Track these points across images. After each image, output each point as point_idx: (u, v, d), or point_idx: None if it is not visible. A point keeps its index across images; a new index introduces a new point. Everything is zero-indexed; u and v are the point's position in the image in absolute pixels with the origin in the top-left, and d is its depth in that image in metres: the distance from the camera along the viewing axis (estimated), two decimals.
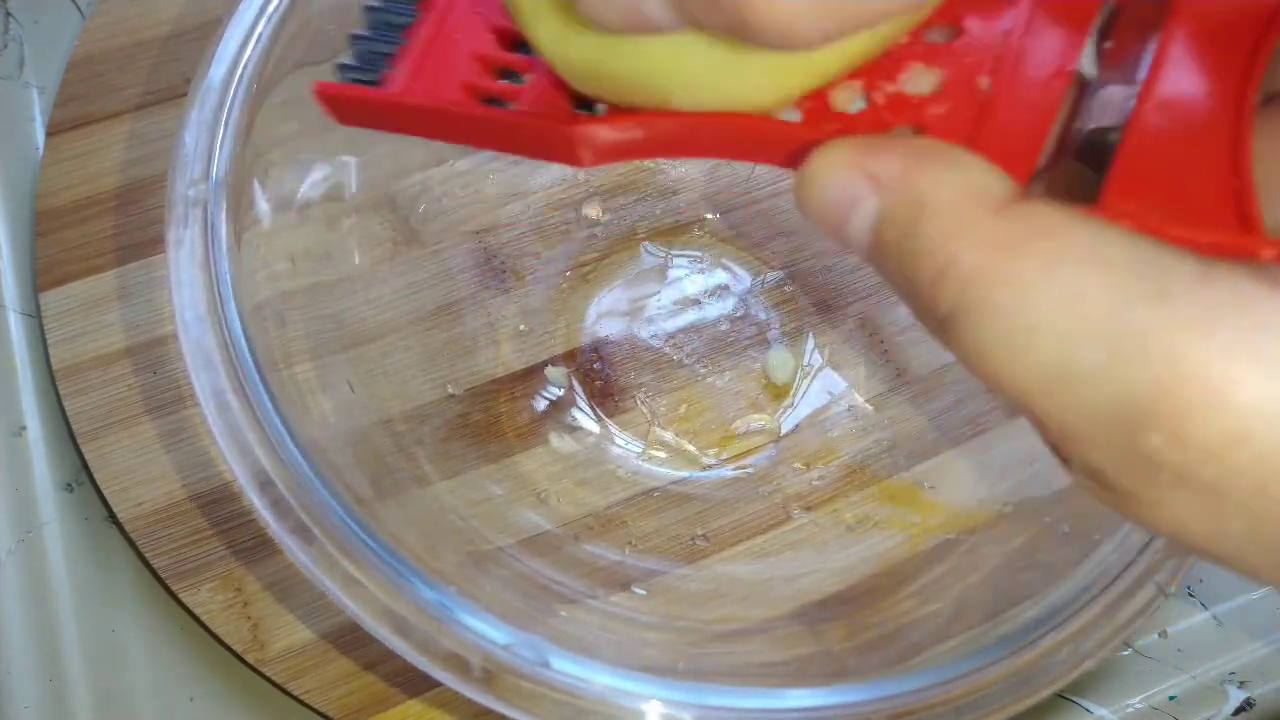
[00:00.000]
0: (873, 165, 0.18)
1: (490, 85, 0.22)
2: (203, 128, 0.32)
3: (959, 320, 0.16)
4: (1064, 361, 0.16)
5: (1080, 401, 0.16)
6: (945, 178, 0.17)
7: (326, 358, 0.35)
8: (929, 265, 0.17)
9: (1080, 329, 0.16)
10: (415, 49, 0.23)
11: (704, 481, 0.39)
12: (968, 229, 0.16)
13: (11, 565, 0.37)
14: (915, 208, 0.17)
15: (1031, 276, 0.16)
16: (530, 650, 0.28)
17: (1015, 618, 0.31)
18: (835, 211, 0.18)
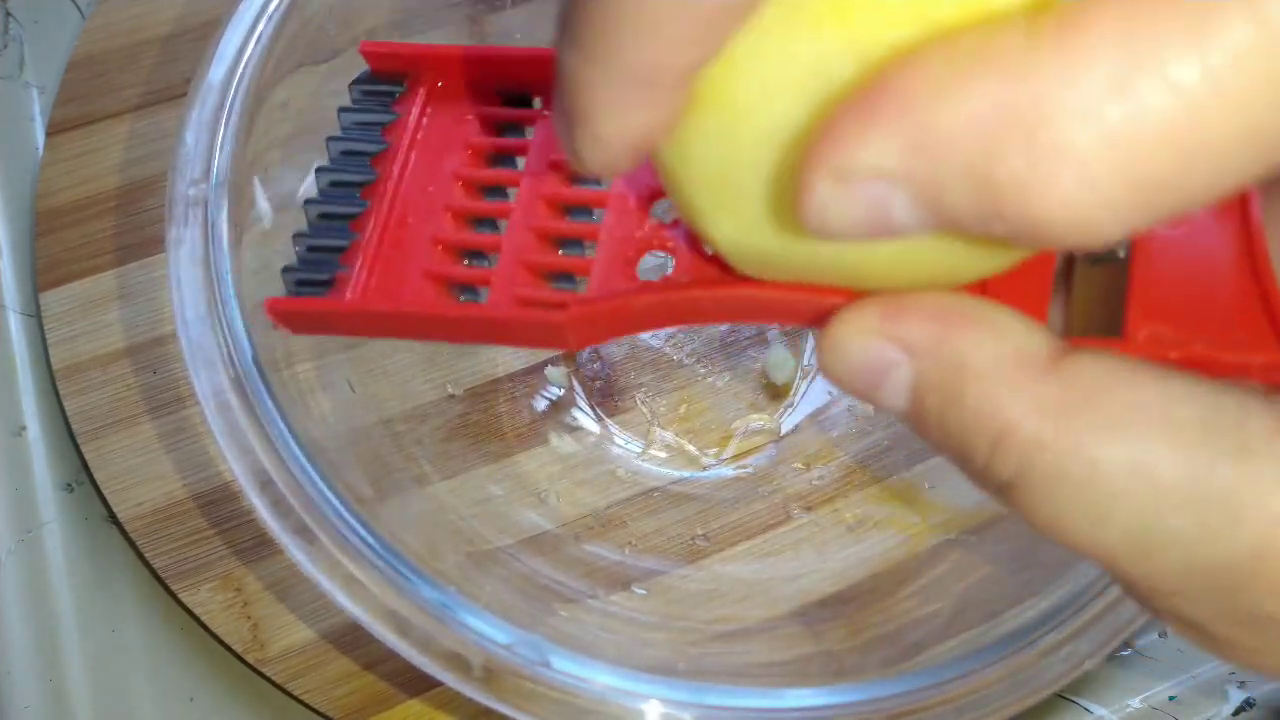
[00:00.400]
0: (901, 330, 0.16)
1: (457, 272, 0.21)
2: (203, 128, 0.32)
3: (1025, 490, 0.16)
4: (1149, 528, 0.15)
5: (1169, 564, 0.15)
6: (981, 339, 0.16)
7: (327, 357, 0.35)
8: (982, 433, 0.16)
9: (1161, 498, 0.15)
10: (367, 242, 0.21)
11: (704, 481, 0.39)
12: (1019, 394, 0.16)
13: (11, 565, 0.37)
14: (956, 373, 0.16)
15: (1098, 447, 0.15)
16: (530, 650, 0.28)
17: (1015, 618, 0.31)
18: (867, 380, 0.17)
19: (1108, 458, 0.15)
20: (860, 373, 0.17)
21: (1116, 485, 0.15)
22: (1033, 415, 0.15)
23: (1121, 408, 0.15)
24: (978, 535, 0.35)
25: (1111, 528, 0.15)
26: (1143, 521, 0.15)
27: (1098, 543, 0.16)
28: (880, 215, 0.14)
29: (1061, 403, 0.15)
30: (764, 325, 0.41)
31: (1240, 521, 0.15)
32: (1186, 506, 0.15)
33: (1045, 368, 0.16)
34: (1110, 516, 0.15)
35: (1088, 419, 0.15)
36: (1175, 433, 0.15)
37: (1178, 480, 0.15)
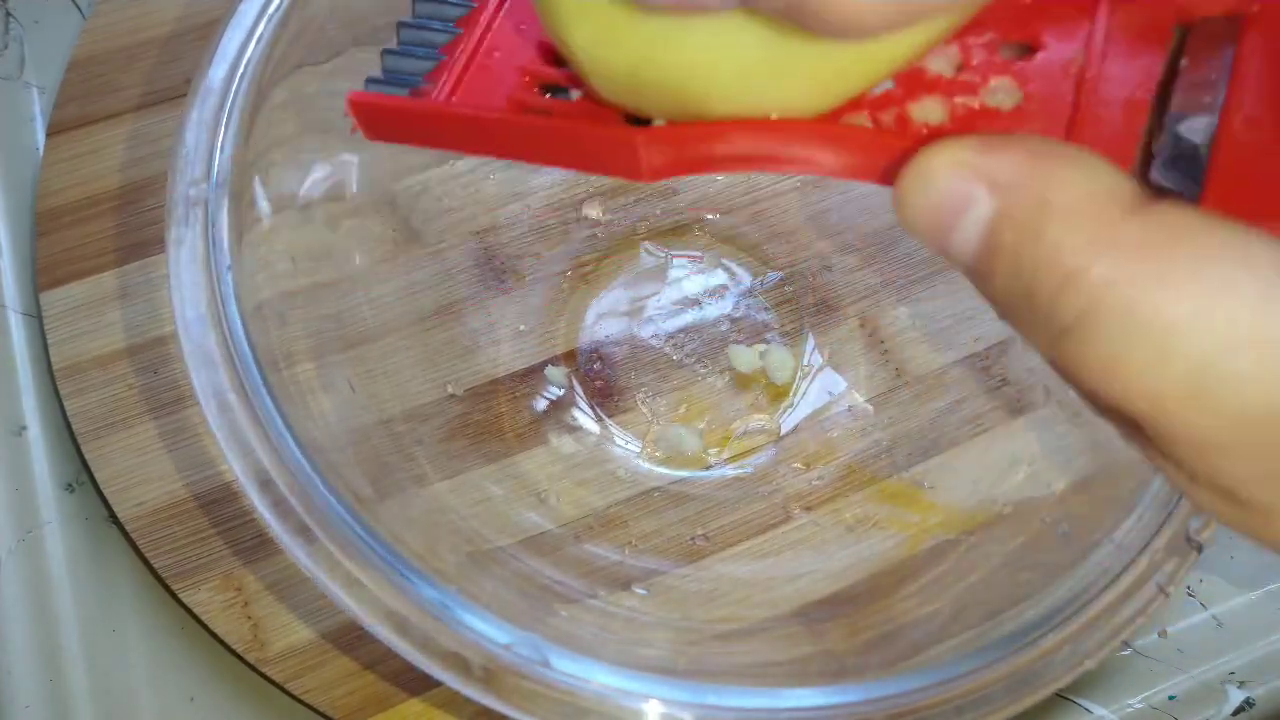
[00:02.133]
0: (990, 165, 0.16)
1: (537, 100, 0.21)
2: (203, 128, 0.32)
3: (1087, 329, 0.16)
4: (1210, 367, 0.15)
5: (1227, 409, 0.15)
6: (1071, 177, 0.16)
7: (327, 357, 0.35)
8: (1054, 270, 0.16)
9: (1231, 333, 0.15)
10: (454, 64, 0.21)
11: (704, 481, 0.39)
12: (1100, 231, 0.15)
13: (11, 565, 0.37)
14: (1039, 210, 0.16)
15: (1175, 279, 0.15)
16: (530, 650, 0.28)
17: (1015, 618, 0.31)
18: (943, 216, 0.17)
19: (1183, 293, 0.15)
20: (940, 206, 0.17)
21: (1184, 321, 0.15)
22: (1108, 252, 0.15)
23: (1199, 249, 0.15)
24: (978, 535, 0.35)
25: (1172, 367, 0.15)
26: (1206, 360, 0.15)
27: (1155, 384, 0.15)
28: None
29: (1143, 241, 0.15)
30: (764, 325, 0.41)
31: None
32: (1253, 346, 0.15)
33: (1129, 209, 0.16)
34: (1172, 355, 0.15)
35: (1168, 257, 0.15)
36: (1251, 275, 0.15)
37: (1251, 319, 0.15)
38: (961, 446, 0.39)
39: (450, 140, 0.21)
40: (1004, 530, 0.35)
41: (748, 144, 0.19)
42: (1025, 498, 0.36)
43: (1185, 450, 0.16)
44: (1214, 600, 0.40)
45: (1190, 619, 0.39)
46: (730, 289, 0.42)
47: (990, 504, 0.36)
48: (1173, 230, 0.15)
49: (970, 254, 0.17)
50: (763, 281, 0.42)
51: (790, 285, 0.42)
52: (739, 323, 0.41)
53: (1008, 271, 0.16)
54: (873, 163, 0.19)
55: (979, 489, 0.37)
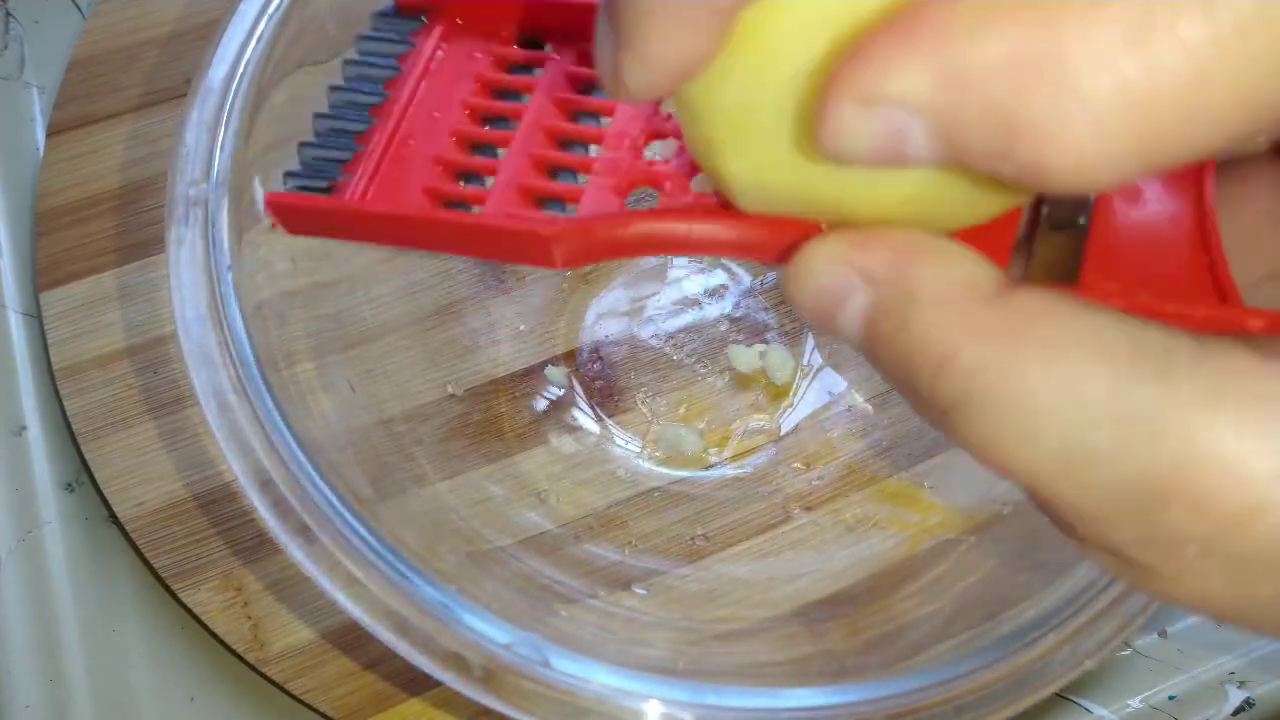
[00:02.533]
0: (862, 259, 0.17)
1: (453, 189, 0.21)
2: (203, 128, 0.32)
3: (962, 413, 0.16)
4: (1074, 447, 0.16)
5: (1094, 484, 0.16)
6: (935, 270, 0.17)
7: (327, 357, 0.35)
8: (926, 359, 0.17)
9: (1087, 414, 0.16)
10: (370, 155, 0.22)
11: (704, 481, 0.39)
12: (962, 321, 0.16)
13: (11, 565, 0.37)
14: (907, 300, 0.17)
15: (1032, 365, 0.16)
16: (530, 650, 0.28)
17: (1015, 618, 0.31)
18: (826, 305, 0.18)
19: (1040, 377, 0.16)
20: (822, 297, 0.18)
21: (1047, 403, 0.16)
22: (974, 341, 0.16)
23: (1057, 332, 0.16)
24: (978, 535, 0.35)
25: (1040, 447, 0.16)
26: (1069, 438, 0.16)
27: (1027, 464, 0.16)
28: (896, 143, 0.15)
29: (1001, 329, 0.16)
30: (764, 325, 0.41)
31: (1160, 437, 0.15)
32: (1110, 422, 0.16)
33: (990, 298, 0.16)
34: (1039, 435, 0.16)
35: (1024, 343, 0.16)
36: (1105, 354, 0.16)
37: (1104, 397, 0.16)
38: None
39: (369, 234, 0.22)
40: (1004, 530, 0.35)
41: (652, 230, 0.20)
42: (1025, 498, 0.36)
43: (1070, 519, 0.17)
44: None
45: (1190, 619, 0.39)
46: (730, 289, 0.42)
47: (990, 504, 0.36)
48: (1029, 319, 0.16)
49: (856, 339, 0.18)
50: (763, 281, 0.42)
51: None
52: (739, 323, 0.41)
53: (887, 359, 0.17)
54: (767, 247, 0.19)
55: (979, 489, 0.37)
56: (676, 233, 0.20)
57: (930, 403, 0.17)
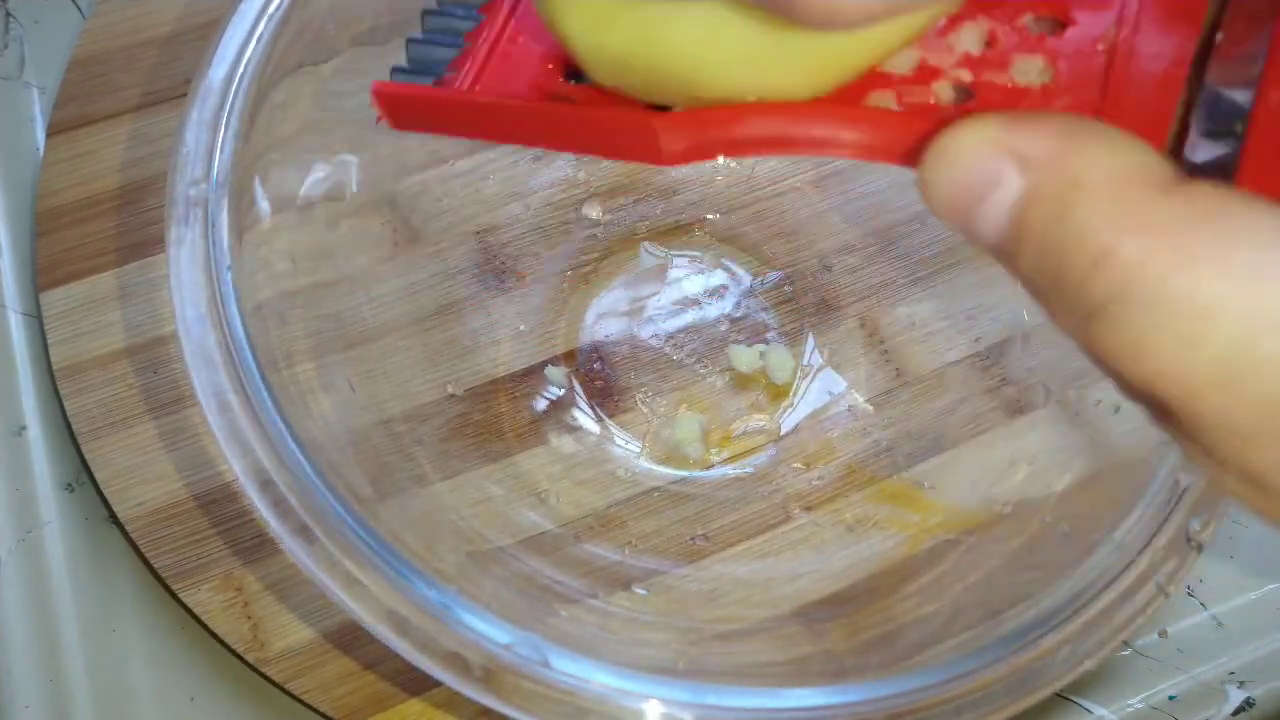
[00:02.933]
0: (1020, 142, 0.16)
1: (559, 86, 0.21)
2: (203, 128, 0.32)
3: (1118, 310, 0.15)
4: (1242, 349, 0.15)
5: (1258, 395, 0.15)
6: (1103, 156, 0.16)
7: (327, 357, 0.35)
8: (1085, 250, 0.15)
9: (1264, 315, 0.14)
10: (477, 52, 0.21)
11: (704, 481, 0.39)
12: (1133, 210, 0.15)
13: (11, 565, 0.37)
14: (1070, 187, 0.16)
15: (1208, 258, 0.15)
16: (530, 650, 0.28)
17: (1015, 618, 0.31)
18: (970, 194, 0.17)
19: (1215, 274, 0.15)
20: (966, 184, 0.17)
21: (1219, 301, 0.15)
22: (1141, 232, 0.15)
23: (1232, 230, 0.15)
24: (978, 535, 0.35)
25: (1203, 350, 0.15)
26: (1238, 343, 0.15)
27: (1184, 369, 0.15)
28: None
29: (1174, 221, 0.15)
30: (764, 325, 0.41)
31: None
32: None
33: (1161, 189, 0.15)
34: (1204, 337, 0.15)
35: (1199, 237, 0.15)
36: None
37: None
38: (961, 446, 0.39)
39: (474, 128, 0.21)
40: (1004, 530, 0.35)
41: (767, 127, 0.19)
42: (1025, 498, 0.36)
43: (1214, 436, 0.16)
44: (1214, 600, 0.40)
45: (1190, 619, 0.39)
46: (730, 289, 0.42)
47: (990, 504, 0.36)
48: (1205, 211, 0.15)
49: (997, 234, 0.17)
50: (763, 281, 0.42)
51: (790, 285, 0.42)
52: (739, 323, 0.41)
53: (1036, 252, 0.16)
54: (896, 143, 0.18)
55: (979, 489, 0.37)
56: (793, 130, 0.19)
57: (1077, 302, 0.16)
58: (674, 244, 0.42)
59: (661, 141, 0.19)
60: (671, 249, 0.42)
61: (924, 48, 0.19)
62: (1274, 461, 0.15)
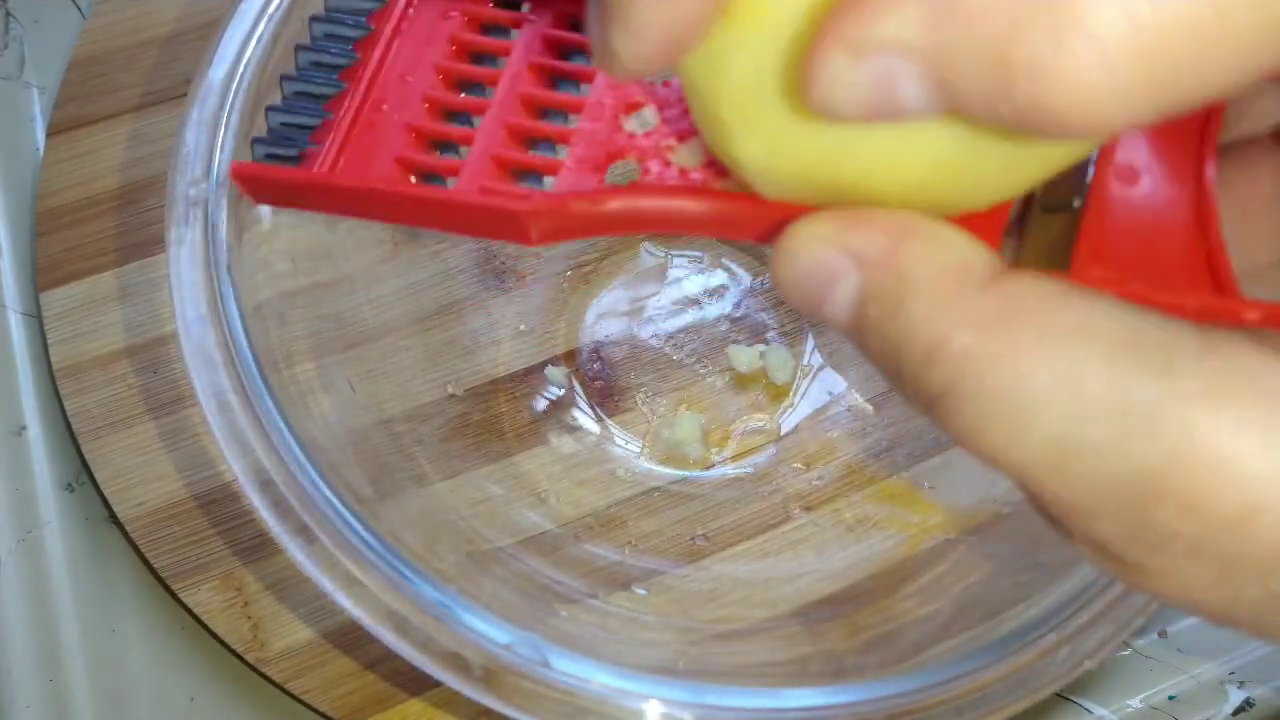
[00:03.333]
0: (853, 241, 0.17)
1: (427, 160, 0.21)
2: (203, 128, 0.32)
3: (952, 401, 0.16)
4: (1067, 439, 0.15)
5: (1085, 477, 0.15)
6: (927, 253, 0.16)
7: (327, 357, 0.35)
8: (916, 345, 0.16)
9: (1083, 406, 0.15)
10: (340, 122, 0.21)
11: (704, 481, 0.39)
12: (955, 306, 0.16)
13: (11, 565, 0.37)
14: (898, 284, 0.16)
15: (1026, 354, 0.15)
16: (530, 650, 0.28)
17: (1015, 618, 0.31)
18: (814, 289, 0.17)
19: (1034, 367, 0.15)
20: (809, 280, 0.17)
21: (1040, 394, 0.15)
22: (966, 327, 0.16)
23: (1052, 321, 0.15)
24: (978, 535, 0.35)
25: (1032, 439, 0.15)
26: (1063, 431, 0.15)
27: (1018, 455, 0.16)
28: (887, 92, 0.14)
29: (995, 315, 0.16)
30: (764, 325, 0.41)
31: (1159, 433, 0.15)
32: (1107, 416, 0.15)
33: (983, 283, 0.16)
34: (1032, 427, 0.15)
35: (1018, 331, 0.15)
36: (1103, 346, 0.15)
37: (1101, 390, 0.15)
38: None
39: (338, 207, 0.21)
40: (1004, 530, 0.35)
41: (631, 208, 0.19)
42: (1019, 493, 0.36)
43: (1055, 512, 0.16)
44: None
45: (1190, 619, 0.39)
46: (730, 289, 0.42)
47: (990, 504, 0.36)
48: (1022, 302, 0.16)
49: (844, 324, 0.17)
50: (763, 281, 0.42)
51: None
52: (739, 323, 0.41)
53: (877, 346, 0.17)
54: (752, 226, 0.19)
55: (979, 489, 0.37)
56: (655, 209, 0.19)
57: (918, 391, 0.16)
58: (674, 244, 0.42)
59: (529, 226, 0.19)
60: (671, 249, 0.42)
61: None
62: (1113, 534, 0.16)
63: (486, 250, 0.41)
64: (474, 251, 0.41)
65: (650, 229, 0.20)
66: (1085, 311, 0.16)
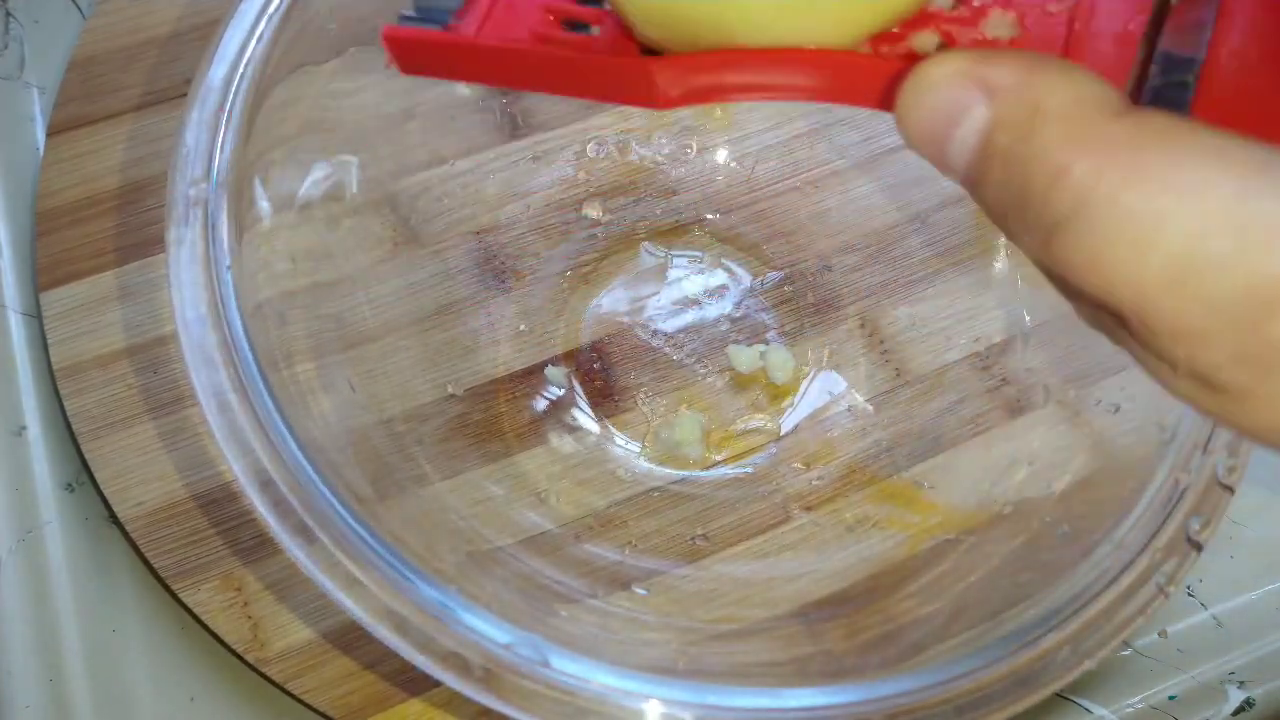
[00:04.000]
0: (986, 72, 0.18)
1: (559, 34, 0.22)
2: (203, 128, 0.32)
3: (1076, 222, 0.16)
4: (1190, 253, 0.16)
5: (1204, 294, 0.16)
6: (1064, 85, 0.17)
7: (327, 357, 0.35)
8: (1045, 168, 0.17)
9: (1207, 220, 0.16)
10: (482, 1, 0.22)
11: (704, 481, 0.39)
12: (1088, 132, 0.16)
13: (11, 565, 0.37)
14: (1032, 112, 0.17)
15: (1156, 172, 0.16)
16: (530, 649, 0.28)
17: (1015, 618, 0.31)
18: (942, 121, 0.18)
19: (1162, 184, 0.16)
20: (938, 114, 0.18)
21: (1167, 209, 0.16)
22: (1098, 149, 0.16)
23: (1183, 143, 0.16)
24: (978, 535, 0.35)
25: (1153, 256, 0.16)
26: (1186, 247, 0.16)
27: (1136, 274, 0.16)
28: None
29: (1127, 139, 0.16)
30: (764, 325, 0.41)
31: (1276, 247, 0.15)
32: (1230, 230, 0.16)
33: (1115, 114, 0.17)
34: (1155, 244, 0.16)
35: (1150, 153, 0.16)
36: (1229, 165, 0.16)
37: (1225, 206, 0.16)
38: (961, 446, 0.39)
39: (480, 73, 0.23)
40: (1004, 530, 0.35)
41: (758, 71, 0.20)
42: (1025, 498, 0.36)
43: (1166, 339, 0.17)
44: (1214, 600, 0.40)
45: (1190, 619, 0.39)
46: (730, 289, 0.42)
47: (990, 504, 0.36)
48: (1155, 131, 0.16)
49: (967, 160, 0.18)
50: (763, 281, 0.42)
51: (790, 285, 0.42)
52: (739, 323, 0.41)
53: (1001, 174, 0.17)
54: (876, 87, 0.20)
55: (979, 489, 0.37)
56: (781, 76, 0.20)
57: (1039, 218, 0.17)
58: (674, 244, 0.42)
59: (658, 84, 0.20)
60: (671, 249, 0.42)
61: None
62: (1223, 358, 0.16)
63: (486, 250, 0.41)
64: (474, 251, 0.41)
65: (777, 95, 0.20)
66: (1214, 139, 0.16)
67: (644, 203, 0.43)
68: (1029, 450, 0.37)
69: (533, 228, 0.42)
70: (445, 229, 0.41)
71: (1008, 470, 0.37)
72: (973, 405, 0.39)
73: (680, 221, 0.43)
